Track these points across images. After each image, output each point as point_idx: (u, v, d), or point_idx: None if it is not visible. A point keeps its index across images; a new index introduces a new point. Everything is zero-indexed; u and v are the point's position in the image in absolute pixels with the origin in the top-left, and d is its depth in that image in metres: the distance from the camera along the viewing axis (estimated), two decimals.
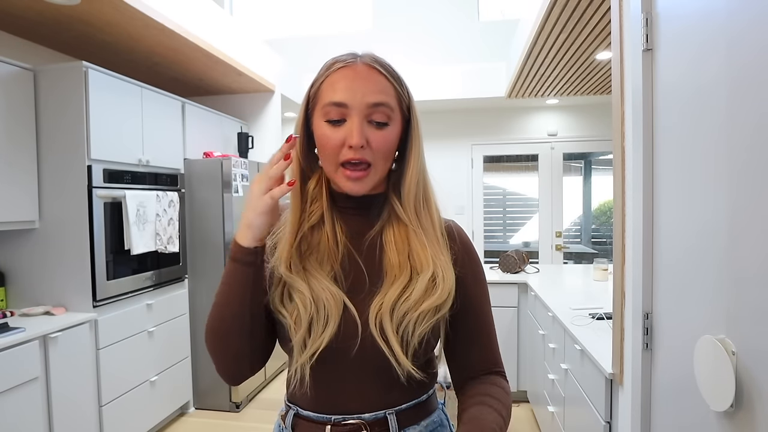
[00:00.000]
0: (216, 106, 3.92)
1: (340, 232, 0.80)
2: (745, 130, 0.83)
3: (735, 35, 0.86)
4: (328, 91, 0.74)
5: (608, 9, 2.27)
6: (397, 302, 0.73)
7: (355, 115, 0.72)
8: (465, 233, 0.87)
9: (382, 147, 0.74)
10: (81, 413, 2.31)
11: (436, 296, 0.73)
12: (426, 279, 0.74)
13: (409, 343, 0.73)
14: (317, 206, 0.79)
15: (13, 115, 2.27)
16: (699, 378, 0.95)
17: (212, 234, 3.20)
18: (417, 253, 0.77)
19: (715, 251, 0.93)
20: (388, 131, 0.75)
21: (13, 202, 2.27)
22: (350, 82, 0.73)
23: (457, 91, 4.61)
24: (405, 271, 0.76)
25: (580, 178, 5.46)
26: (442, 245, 0.79)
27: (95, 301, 2.41)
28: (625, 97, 1.39)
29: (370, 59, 0.77)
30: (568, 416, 2.05)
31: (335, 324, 0.73)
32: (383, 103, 0.74)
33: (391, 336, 0.72)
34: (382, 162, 0.76)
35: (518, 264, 3.45)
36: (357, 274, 0.78)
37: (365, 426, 0.75)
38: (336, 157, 0.74)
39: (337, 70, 0.75)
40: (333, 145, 0.73)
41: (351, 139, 0.72)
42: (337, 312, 0.74)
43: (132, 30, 2.61)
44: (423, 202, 0.80)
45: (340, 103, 0.72)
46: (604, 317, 2.01)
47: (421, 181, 0.80)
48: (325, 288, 0.74)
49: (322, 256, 0.77)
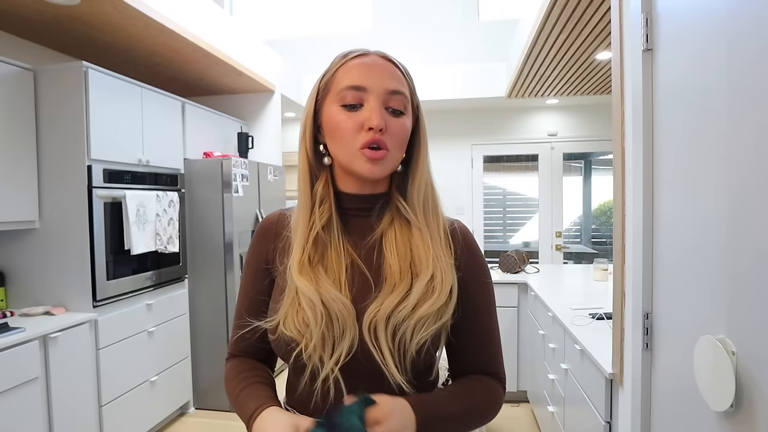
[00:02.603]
0: (216, 106, 3.92)
1: (346, 237, 0.79)
2: (745, 130, 0.83)
3: (735, 35, 0.86)
4: (345, 77, 0.73)
5: (608, 9, 2.27)
6: (395, 311, 0.71)
7: (373, 99, 0.72)
8: (470, 234, 0.85)
9: (398, 134, 0.73)
10: (81, 413, 2.31)
11: (434, 299, 0.71)
12: (424, 281, 0.72)
13: (406, 352, 0.71)
14: (326, 207, 0.78)
15: (14, 115, 2.27)
16: (699, 378, 0.95)
17: (212, 234, 3.20)
18: (419, 254, 0.75)
19: (715, 251, 0.93)
20: (404, 119, 0.74)
21: (13, 202, 2.27)
22: (368, 67, 0.73)
23: (457, 91, 4.61)
24: (405, 279, 0.74)
25: (580, 178, 5.46)
26: (445, 247, 0.78)
27: (95, 301, 2.41)
28: (625, 97, 1.39)
29: (383, 54, 0.78)
30: (568, 416, 2.05)
31: (353, 333, 0.72)
32: (400, 91, 0.74)
33: (384, 345, 0.70)
34: (397, 150, 0.74)
35: (518, 264, 3.45)
36: (361, 281, 0.76)
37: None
38: (353, 141, 0.72)
39: (353, 58, 0.75)
40: (351, 129, 0.71)
41: (371, 121, 0.70)
42: (352, 321, 0.72)
43: (132, 30, 2.61)
44: (431, 203, 0.79)
45: (358, 87, 0.72)
46: (604, 317, 2.01)
47: (429, 182, 0.79)
48: (336, 298, 0.72)
49: (329, 264, 0.76)
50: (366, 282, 0.75)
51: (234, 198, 3.19)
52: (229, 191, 3.17)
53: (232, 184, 3.17)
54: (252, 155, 4.03)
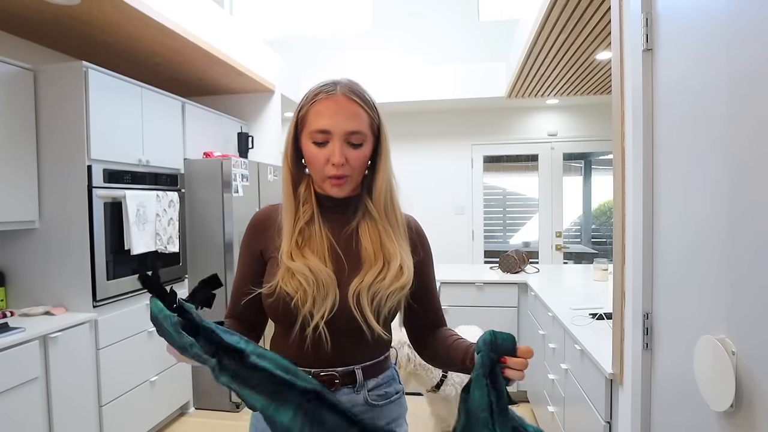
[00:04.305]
0: (216, 106, 3.92)
1: (326, 228, 1.00)
2: (745, 130, 0.83)
3: (735, 35, 0.86)
4: (314, 120, 0.93)
5: (608, 9, 2.27)
6: (373, 283, 0.94)
7: (336, 139, 0.92)
8: (420, 226, 1.10)
9: (357, 163, 0.95)
10: (81, 413, 2.31)
11: (403, 279, 0.96)
12: (396, 267, 0.96)
13: (381, 312, 0.95)
14: (308, 206, 1.00)
15: (13, 115, 2.27)
16: (699, 378, 0.95)
17: (212, 234, 3.20)
18: (387, 245, 0.98)
19: (715, 251, 0.93)
20: (362, 150, 0.95)
21: (13, 202, 2.27)
22: (332, 113, 0.92)
23: (457, 91, 4.61)
24: (379, 259, 0.97)
25: (580, 178, 5.46)
26: (405, 237, 1.02)
27: (95, 301, 2.41)
28: (625, 97, 1.39)
29: (348, 89, 0.94)
30: (568, 416, 2.05)
31: (334, 295, 0.93)
32: (358, 131, 0.94)
33: (366, 307, 0.93)
34: (358, 173, 0.97)
35: (518, 264, 3.45)
36: (338, 260, 0.98)
37: (338, 377, 0.96)
38: (323, 171, 0.95)
39: (320, 100, 0.94)
40: (320, 162, 0.94)
41: (334, 158, 0.92)
42: (333, 288, 0.94)
43: (132, 30, 2.61)
44: (390, 201, 1.01)
45: (324, 131, 0.92)
46: (604, 317, 2.01)
47: (389, 184, 1.01)
48: (322, 269, 0.94)
49: (314, 247, 0.97)
50: (342, 262, 0.98)
51: (234, 198, 3.19)
52: (229, 191, 3.17)
53: (232, 184, 3.17)
54: (252, 155, 4.03)
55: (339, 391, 0.96)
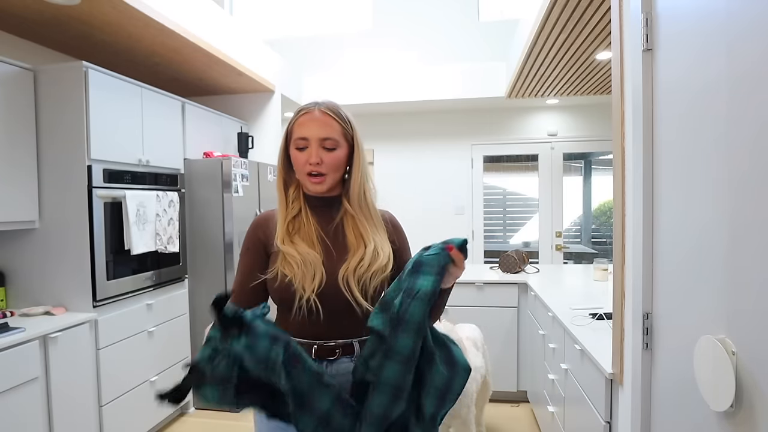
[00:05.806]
0: (216, 106, 3.92)
1: (314, 221, 1.21)
2: (746, 131, 0.83)
3: (735, 35, 0.86)
4: (297, 130, 1.16)
5: (608, 9, 2.28)
6: (358, 266, 1.15)
7: (313, 143, 1.15)
8: (396, 219, 1.32)
9: (331, 163, 1.16)
10: (81, 413, 2.31)
11: (380, 260, 1.16)
12: (371, 250, 1.17)
13: (367, 291, 1.15)
14: (296, 204, 1.22)
15: (13, 115, 2.27)
16: (699, 378, 0.95)
17: (212, 234, 3.20)
18: (364, 235, 1.19)
19: (715, 251, 0.93)
20: (335, 153, 1.16)
21: (13, 202, 2.27)
22: (309, 123, 1.15)
23: (457, 91, 4.61)
24: (360, 246, 1.18)
25: (580, 178, 5.46)
26: (381, 228, 1.23)
27: (95, 301, 2.41)
28: (625, 97, 1.39)
29: (325, 107, 1.17)
30: (568, 416, 2.05)
31: (321, 273, 1.13)
32: (330, 137, 1.15)
33: (354, 288, 1.13)
34: (333, 172, 1.17)
35: (518, 264, 3.45)
36: (326, 248, 1.18)
37: (339, 348, 1.15)
38: (303, 170, 1.17)
39: (302, 115, 1.17)
40: (301, 163, 1.16)
41: (310, 158, 1.15)
42: (320, 267, 1.14)
43: (132, 30, 2.61)
44: (363, 199, 1.21)
45: (303, 138, 1.15)
46: (604, 317, 2.01)
47: (361, 187, 1.20)
48: (309, 253, 1.15)
49: (303, 236, 1.18)
50: (331, 250, 1.18)
51: (234, 198, 3.19)
52: (229, 191, 3.17)
53: (232, 184, 3.17)
54: (252, 155, 4.02)
55: (339, 360, 1.15)
